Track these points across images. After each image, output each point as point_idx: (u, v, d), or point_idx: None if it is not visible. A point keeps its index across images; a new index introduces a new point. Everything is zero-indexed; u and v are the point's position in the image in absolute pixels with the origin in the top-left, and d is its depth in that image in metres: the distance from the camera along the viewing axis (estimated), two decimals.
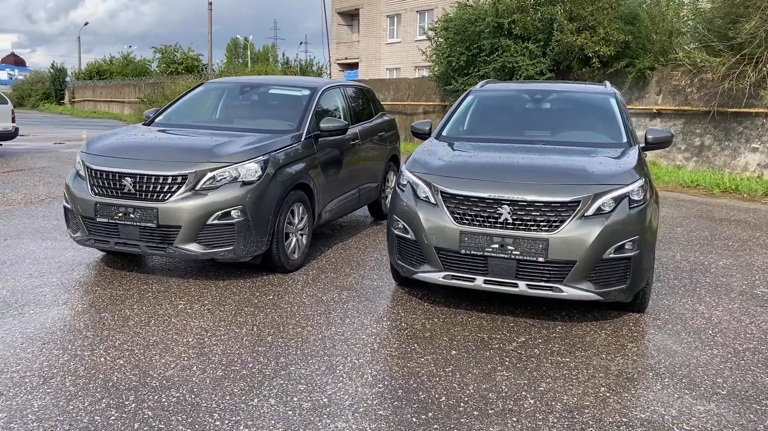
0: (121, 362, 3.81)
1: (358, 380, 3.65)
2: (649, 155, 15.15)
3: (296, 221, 5.75)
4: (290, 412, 3.28)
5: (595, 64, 15.26)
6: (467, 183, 4.51)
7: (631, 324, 4.66)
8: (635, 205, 4.39)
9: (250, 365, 3.82)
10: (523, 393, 3.56)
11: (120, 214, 5.10)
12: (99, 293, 5.03)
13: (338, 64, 39.05)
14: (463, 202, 4.46)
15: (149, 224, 5.03)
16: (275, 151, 5.50)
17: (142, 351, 3.98)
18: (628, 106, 15.39)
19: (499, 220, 4.35)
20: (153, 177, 5.07)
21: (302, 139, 5.93)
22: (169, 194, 5.04)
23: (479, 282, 4.43)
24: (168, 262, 5.93)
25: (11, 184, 10.33)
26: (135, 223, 5.07)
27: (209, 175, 5.11)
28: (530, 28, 16.71)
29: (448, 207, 4.49)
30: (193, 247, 5.07)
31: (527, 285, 4.34)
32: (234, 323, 4.48)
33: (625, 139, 5.27)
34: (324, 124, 6.14)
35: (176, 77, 33.95)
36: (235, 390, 3.51)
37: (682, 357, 4.11)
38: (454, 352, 4.08)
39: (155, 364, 3.79)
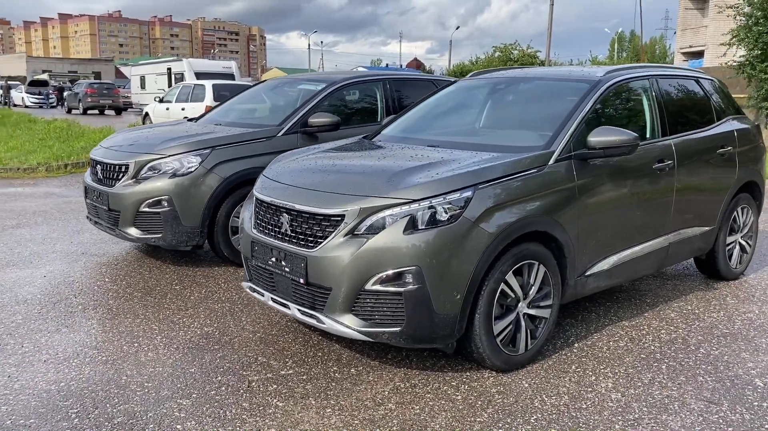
0: None
1: (78, 376, 3.60)
2: None
3: None
4: None
5: None
6: (267, 185, 4.00)
7: (469, 384, 3.56)
8: (430, 225, 3.33)
9: (25, 342, 4.09)
10: (178, 427, 3.11)
11: (94, 197, 5.82)
12: (79, 264, 5.82)
13: (682, 53, 34.81)
14: (259, 206, 3.98)
15: (104, 207, 5.64)
16: (224, 145, 5.57)
17: None
18: None
19: (281, 231, 3.76)
20: (108, 165, 5.66)
21: (278, 134, 5.85)
22: (115, 181, 5.57)
23: (268, 299, 3.91)
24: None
25: None
26: (99, 205, 5.73)
27: (149, 165, 5.47)
28: None
29: (256, 212, 4.06)
30: (132, 231, 5.51)
31: (298, 310, 3.68)
32: (111, 309, 4.77)
33: (543, 142, 3.93)
34: (312, 120, 5.94)
35: None
36: None
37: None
38: (217, 377, 3.70)
39: None
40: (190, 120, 7.09)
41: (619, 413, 3.27)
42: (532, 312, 3.75)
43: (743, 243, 5.55)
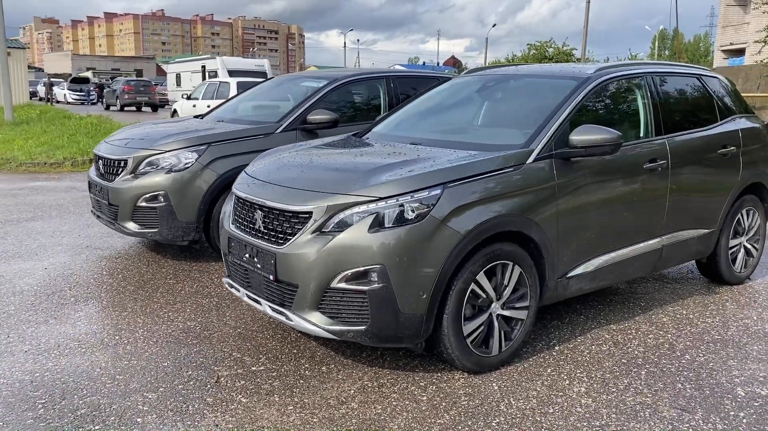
0: None
1: (54, 367, 3.68)
2: None
3: None
4: None
5: None
6: (246, 181, 4.01)
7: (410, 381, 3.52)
8: (397, 223, 3.29)
9: (11, 332, 4.18)
10: (138, 420, 3.15)
11: (96, 191, 5.93)
12: (81, 257, 5.94)
13: (722, 50, 33.85)
14: (236, 202, 4.00)
15: (105, 201, 5.74)
16: (221, 141, 5.61)
17: None
18: None
19: (255, 227, 3.77)
20: (108, 160, 5.76)
21: (276, 131, 5.87)
22: (115, 176, 5.66)
23: (243, 295, 3.92)
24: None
25: None
26: (101, 199, 5.84)
27: (147, 160, 5.54)
28: None
29: (234, 208, 4.07)
30: (130, 225, 5.59)
31: (269, 306, 3.68)
32: (102, 301, 4.86)
33: (523, 140, 3.86)
34: (311, 117, 5.94)
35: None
36: None
37: None
38: (188, 372, 3.75)
39: None
40: (197, 117, 7.16)
41: (586, 419, 3.18)
42: (506, 313, 3.68)
43: (749, 246, 5.36)
